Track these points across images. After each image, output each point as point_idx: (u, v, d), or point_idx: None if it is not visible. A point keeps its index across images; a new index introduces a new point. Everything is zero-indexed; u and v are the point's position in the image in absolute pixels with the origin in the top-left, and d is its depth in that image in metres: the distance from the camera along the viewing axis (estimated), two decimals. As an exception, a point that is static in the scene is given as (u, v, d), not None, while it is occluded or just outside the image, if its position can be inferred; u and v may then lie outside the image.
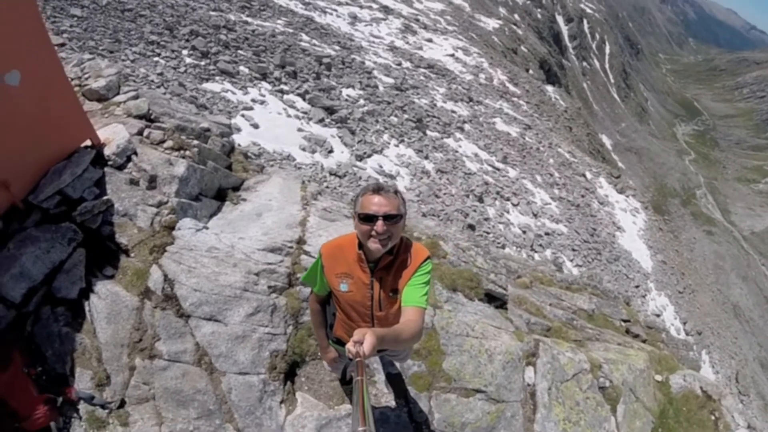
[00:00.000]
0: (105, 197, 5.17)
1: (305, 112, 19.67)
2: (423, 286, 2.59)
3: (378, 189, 2.46)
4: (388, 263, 2.62)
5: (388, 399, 4.45)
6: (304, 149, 17.32)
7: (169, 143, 5.99)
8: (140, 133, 5.98)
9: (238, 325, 4.60)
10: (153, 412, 3.99)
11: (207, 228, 5.47)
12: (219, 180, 6.32)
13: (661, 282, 26.17)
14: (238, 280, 4.91)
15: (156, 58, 17.93)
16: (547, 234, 21.07)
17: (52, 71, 5.01)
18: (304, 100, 20.36)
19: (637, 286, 23.55)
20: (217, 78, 18.89)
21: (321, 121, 19.60)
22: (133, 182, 5.46)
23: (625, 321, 6.53)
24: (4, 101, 4.63)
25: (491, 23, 61.80)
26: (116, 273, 4.76)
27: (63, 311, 4.37)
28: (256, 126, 17.19)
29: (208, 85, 18.16)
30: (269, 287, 5.01)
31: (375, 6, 45.72)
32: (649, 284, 24.92)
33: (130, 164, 5.64)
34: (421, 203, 16.85)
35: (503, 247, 17.00)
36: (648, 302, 23.29)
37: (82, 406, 3.90)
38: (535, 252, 19.14)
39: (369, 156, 18.68)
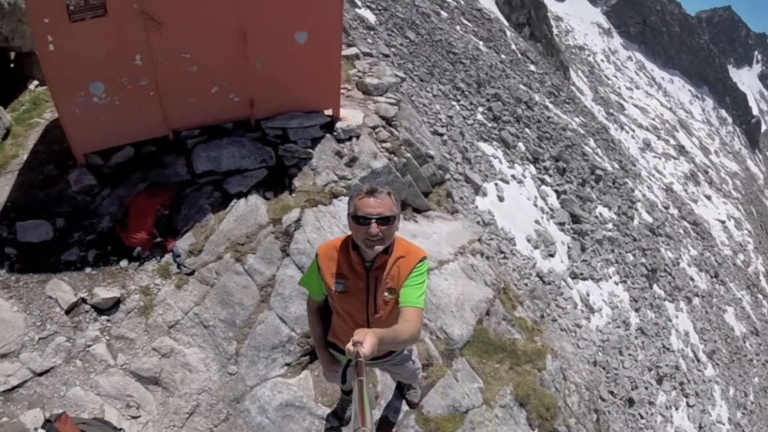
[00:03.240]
0: (310, 151, 5.60)
1: (551, 210, 18.51)
2: (419, 286, 2.41)
3: (372, 191, 2.31)
4: (384, 263, 2.43)
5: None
6: (529, 240, 16.26)
7: (387, 144, 6.29)
8: (374, 128, 6.35)
9: (313, 287, 4.44)
10: (200, 294, 4.17)
11: (362, 215, 5.47)
12: (407, 194, 6.36)
13: None
14: (344, 257, 4.76)
15: (454, 103, 19.07)
16: (697, 454, 15.27)
17: (331, 48, 5.73)
18: (557, 198, 19.20)
19: None
20: (494, 143, 19.20)
21: (561, 224, 18.17)
22: (339, 154, 5.86)
23: None
24: (288, 50, 5.45)
25: (778, 206, 49.09)
26: (271, 199, 5.09)
27: (217, 196, 4.94)
28: (501, 198, 16.85)
29: (482, 145, 18.56)
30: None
31: (672, 142, 40.93)
32: None
33: (348, 142, 6.04)
34: (601, 350, 14.01)
35: (647, 439, 12.97)
36: None
37: (167, 257, 4.28)
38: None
39: (583, 279, 16.54)
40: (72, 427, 2.94)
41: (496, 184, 17.28)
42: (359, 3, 19.47)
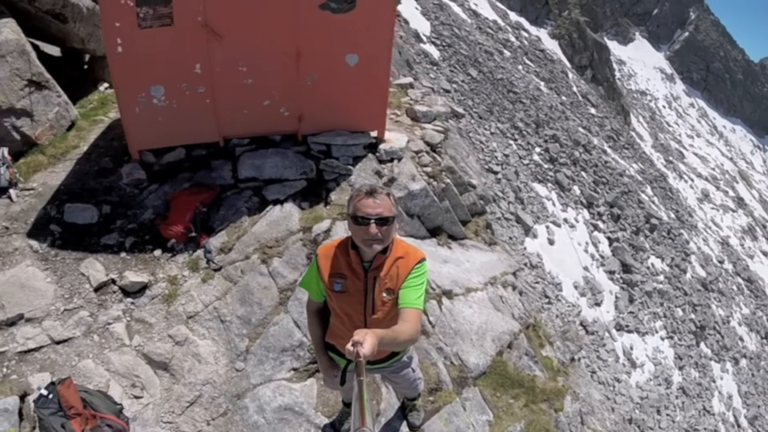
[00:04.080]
0: (350, 168, 5.61)
1: (602, 257, 17.44)
2: (419, 287, 2.35)
3: (371, 192, 2.26)
4: (382, 263, 2.37)
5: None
6: (576, 287, 15.32)
7: (428, 169, 6.20)
8: (417, 152, 6.30)
9: (333, 296, 4.38)
10: (223, 289, 4.22)
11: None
12: (443, 219, 6.21)
13: None
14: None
15: (511, 142, 18.61)
16: None
17: (380, 71, 5.78)
18: (609, 245, 18.11)
19: None
20: (548, 184, 18.48)
21: (611, 273, 17.05)
22: (378, 174, 5.85)
23: None
24: (339, 71, 5.54)
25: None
26: (306, 209, 5.11)
27: (255, 201, 5.05)
28: (551, 242, 16.08)
29: (536, 186, 17.89)
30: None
31: (731, 193, 37.71)
32: None
33: (389, 164, 6.01)
34: (638, 407, 12.78)
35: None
36: None
37: (199, 252, 4.37)
38: None
39: (629, 331, 15.37)
40: (74, 392, 2.97)
41: (548, 227, 16.59)
42: (424, 38, 19.80)
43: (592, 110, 27.02)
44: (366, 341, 1.74)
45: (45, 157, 4.77)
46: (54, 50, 5.97)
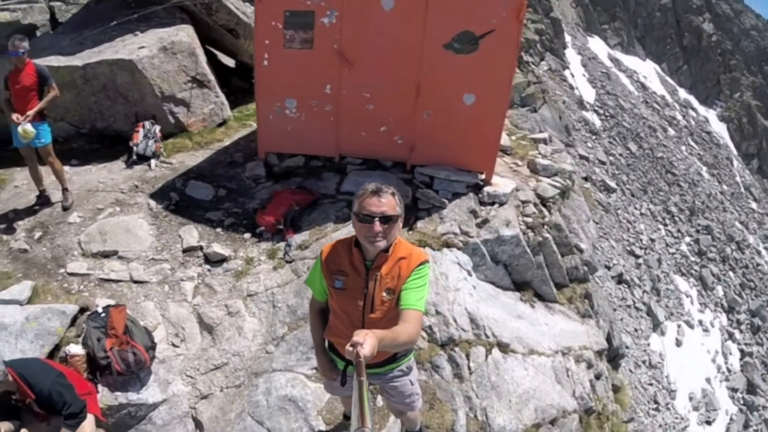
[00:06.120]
0: (445, 201, 5.50)
1: (729, 371, 13.95)
2: (420, 289, 2.26)
3: (377, 191, 2.19)
4: (384, 262, 2.27)
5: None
6: (691, 398, 12.22)
7: (529, 219, 5.69)
8: (523, 202, 5.86)
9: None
10: (286, 279, 4.41)
11: (469, 276, 5.01)
12: (533, 275, 5.64)
13: None
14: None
15: (660, 226, 15.95)
16: None
17: (496, 114, 5.56)
18: (740, 359, 14.25)
19: None
20: (691, 279, 15.27)
21: (733, 390, 13.51)
22: (473, 212, 5.60)
23: None
24: (455, 109, 5.48)
25: None
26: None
27: (345, 213, 5.28)
28: (678, 343, 13.26)
29: (677, 278, 15.02)
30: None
31: None
32: None
33: (487, 207, 5.68)
34: None
35: None
36: None
37: (281, 244, 4.65)
38: None
39: None
40: (122, 318, 3.36)
41: (679, 326, 13.83)
42: (587, 106, 18.25)
43: (753, 204, 22.13)
44: (366, 342, 1.68)
45: (190, 142, 5.62)
46: (230, 62, 7.05)
